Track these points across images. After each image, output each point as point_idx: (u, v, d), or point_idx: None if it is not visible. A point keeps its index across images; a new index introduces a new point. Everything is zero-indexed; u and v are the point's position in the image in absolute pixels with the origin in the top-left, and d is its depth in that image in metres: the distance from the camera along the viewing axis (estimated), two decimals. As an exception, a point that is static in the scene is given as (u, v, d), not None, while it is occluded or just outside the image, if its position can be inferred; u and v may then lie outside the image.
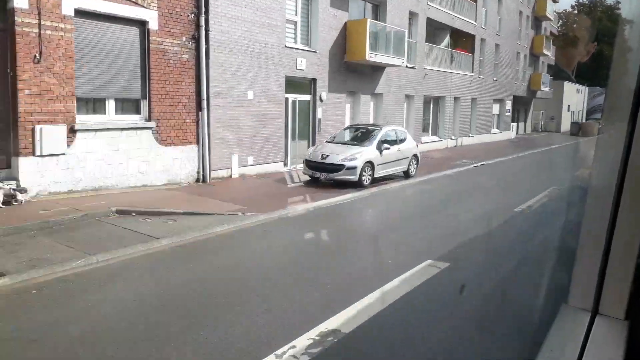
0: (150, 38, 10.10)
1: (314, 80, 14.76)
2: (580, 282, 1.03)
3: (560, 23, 57.20)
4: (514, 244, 7.58)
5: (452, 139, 24.20)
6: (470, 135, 26.31)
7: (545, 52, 37.24)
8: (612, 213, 0.94)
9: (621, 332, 0.94)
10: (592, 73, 55.38)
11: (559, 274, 4.91)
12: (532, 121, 42.91)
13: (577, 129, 41.46)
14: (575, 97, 51.59)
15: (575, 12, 62.07)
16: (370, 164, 11.73)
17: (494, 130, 30.16)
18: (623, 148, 0.91)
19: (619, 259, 0.94)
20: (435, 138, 23.07)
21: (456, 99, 24.55)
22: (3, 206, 7.63)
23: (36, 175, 8.42)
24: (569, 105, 49.97)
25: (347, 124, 15.78)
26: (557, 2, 40.76)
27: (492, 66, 28.51)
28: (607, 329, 0.96)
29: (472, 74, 25.86)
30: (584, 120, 51.00)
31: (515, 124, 34.00)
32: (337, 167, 11.33)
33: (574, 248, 1.03)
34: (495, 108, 30.07)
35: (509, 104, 31.77)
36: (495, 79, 29.05)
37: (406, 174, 13.41)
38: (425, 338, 4.15)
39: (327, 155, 11.64)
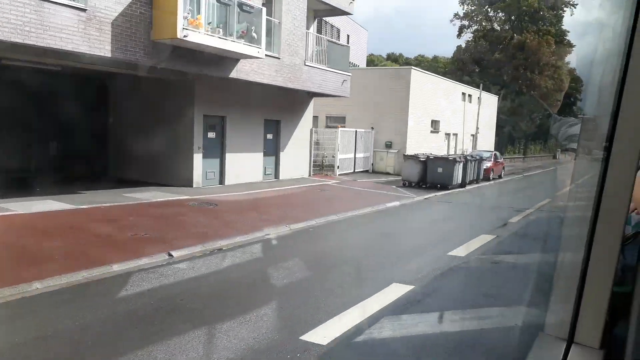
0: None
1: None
2: (556, 311, 1.07)
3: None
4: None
5: None
6: None
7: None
8: (588, 242, 0.95)
9: None
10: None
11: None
12: (313, 149, 18.56)
13: (416, 173, 17.36)
14: (461, 106, 27.45)
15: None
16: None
17: None
18: (598, 179, 0.91)
19: (595, 288, 0.96)
20: None
21: None
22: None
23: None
24: (435, 122, 25.76)
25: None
26: None
27: None
28: (583, 358, 0.96)
29: None
30: (457, 152, 26.85)
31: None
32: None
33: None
34: None
35: None
36: None
37: None
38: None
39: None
